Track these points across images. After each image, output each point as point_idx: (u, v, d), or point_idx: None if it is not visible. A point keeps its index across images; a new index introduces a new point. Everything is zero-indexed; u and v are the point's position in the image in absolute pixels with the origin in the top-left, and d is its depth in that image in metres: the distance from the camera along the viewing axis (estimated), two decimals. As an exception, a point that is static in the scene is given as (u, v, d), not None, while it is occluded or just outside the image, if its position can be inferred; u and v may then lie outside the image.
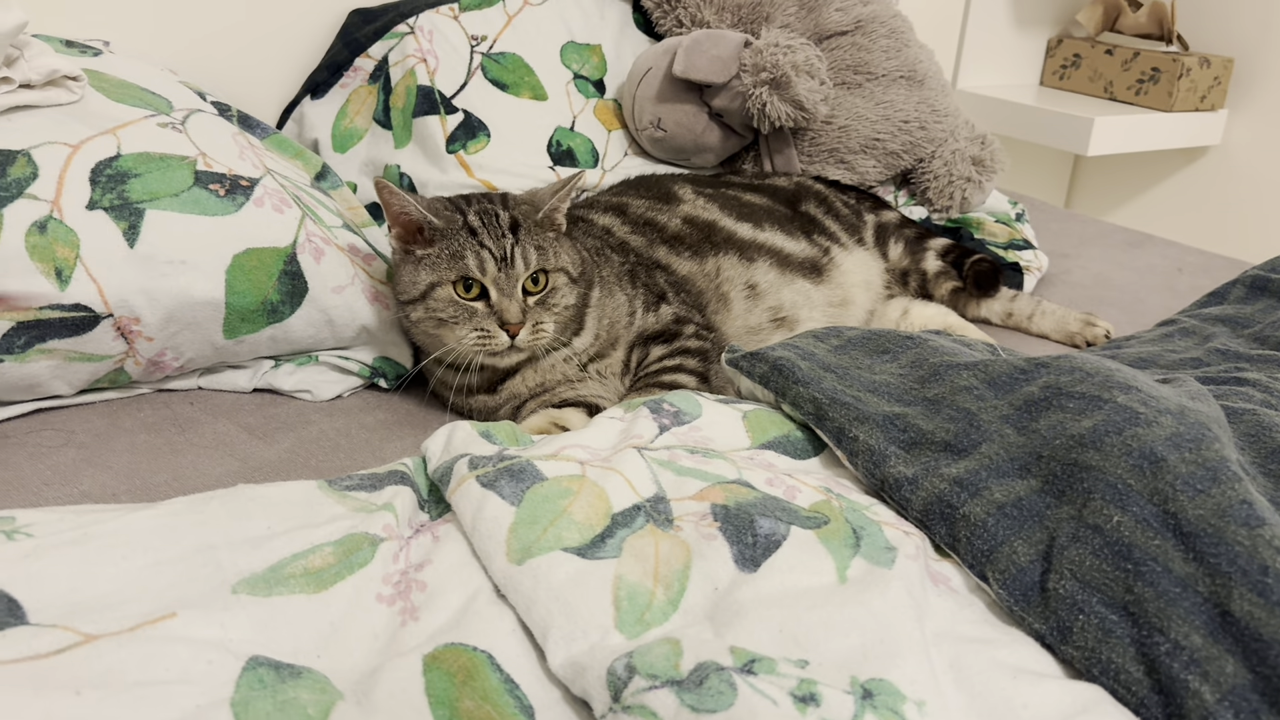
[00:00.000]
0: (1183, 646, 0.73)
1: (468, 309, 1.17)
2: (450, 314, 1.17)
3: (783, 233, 1.52)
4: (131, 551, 0.78)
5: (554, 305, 1.19)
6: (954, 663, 0.76)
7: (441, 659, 0.74)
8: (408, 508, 0.89)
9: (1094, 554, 0.81)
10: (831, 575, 0.82)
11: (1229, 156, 2.97)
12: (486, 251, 1.15)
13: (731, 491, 0.90)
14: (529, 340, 1.17)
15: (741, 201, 1.55)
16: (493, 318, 1.16)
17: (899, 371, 1.12)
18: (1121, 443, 0.89)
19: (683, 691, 0.68)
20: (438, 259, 1.16)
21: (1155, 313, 1.73)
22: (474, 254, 1.15)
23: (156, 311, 1.13)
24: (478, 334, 1.16)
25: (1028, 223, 2.00)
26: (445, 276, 1.16)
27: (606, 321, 1.29)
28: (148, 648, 0.70)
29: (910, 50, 1.92)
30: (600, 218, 1.44)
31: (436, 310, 1.17)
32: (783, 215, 1.57)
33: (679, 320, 1.32)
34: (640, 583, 0.80)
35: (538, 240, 1.19)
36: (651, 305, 1.32)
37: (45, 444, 1.10)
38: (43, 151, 1.13)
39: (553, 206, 1.21)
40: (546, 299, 1.19)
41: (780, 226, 1.53)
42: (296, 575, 0.79)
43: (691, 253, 1.42)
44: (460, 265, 1.15)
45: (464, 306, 1.16)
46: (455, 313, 1.17)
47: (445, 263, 1.16)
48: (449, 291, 1.16)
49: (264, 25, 1.76)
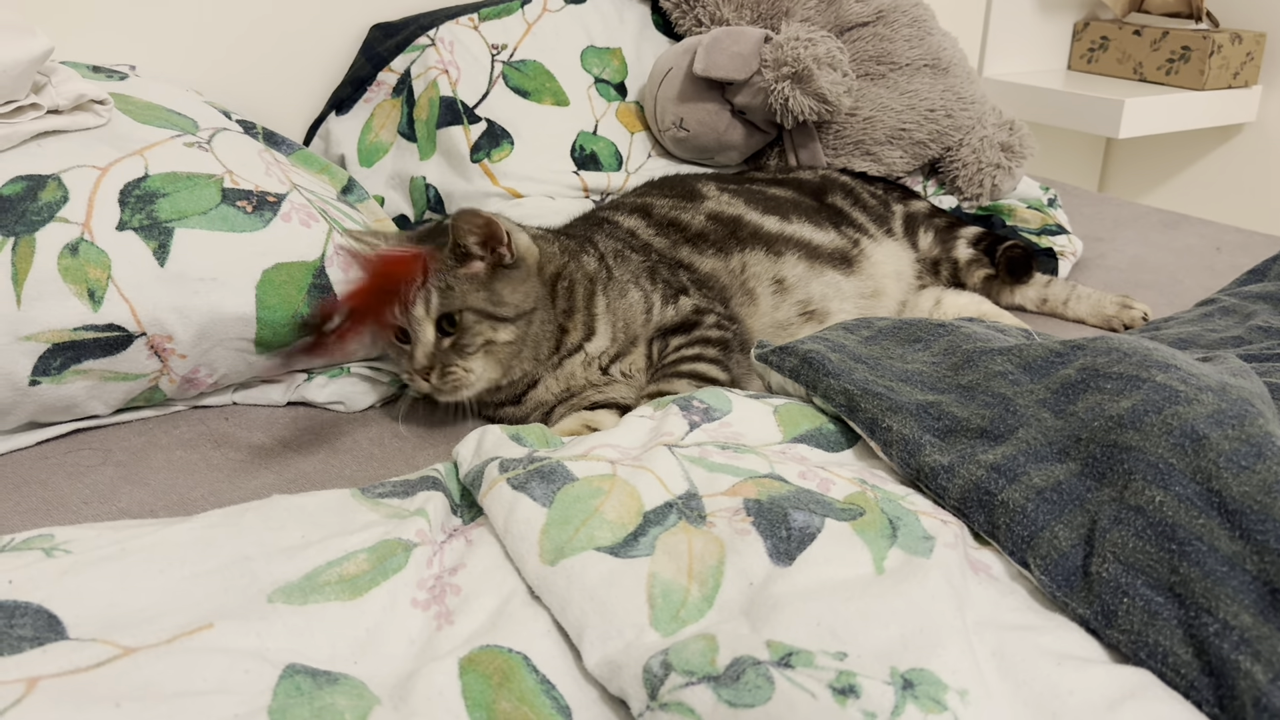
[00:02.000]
0: (1232, 626, 0.72)
1: (399, 351, 1.19)
2: (394, 356, 1.21)
3: (811, 224, 1.50)
4: (168, 565, 0.79)
5: (465, 346, 1.16)
6: (997, 651, 0.74)
7: (477, 661, 0.73)
8: (440, 513, 0.89)
9: (1137, 535, 0.80)
10: (868, 566, 0.81)
11: (1265, 133, 2.92)
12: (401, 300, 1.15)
13: (764, 486, 0.89)
14: (437, 384, 1.16)
15: (767, 195, 1.54)
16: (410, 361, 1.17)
17: (931, 360, 1.11)
18: (1161, 422, 0.87)
19: (720, 687, 0.67)
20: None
21: (1194, 293, 1.70)
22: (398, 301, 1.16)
23: (189, 329, 1.15)
24: (406, 376, 1.18)
25: (1060, 208, 1.98)
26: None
27: (621, 322, 1.27)
28: (185, 659, 0.70)
29: (933, 38, 1.90)
30: (625, 219, 1.44)
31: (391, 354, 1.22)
32: (809, 207, 1.55)
33: (699, 311, 1.30)
34: (674, 580, 0.80)
35: (446, 281, 1.15)
36: (670, 299, 1.31)
37: (84, 463, 1.11)
38: (72, 175, 1.14)
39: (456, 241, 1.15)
40: (458, 340, 1.16)
41: (808, 218, 1.51)
42: (331, 583, 0.79)
43: (715, 250, 1.41)
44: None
45: (397, 349, 1.19)
46: (397, 356, 1.20)
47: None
48: (389, 336, 1.19)
49: (287, 44, 1.77)
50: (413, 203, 1.69)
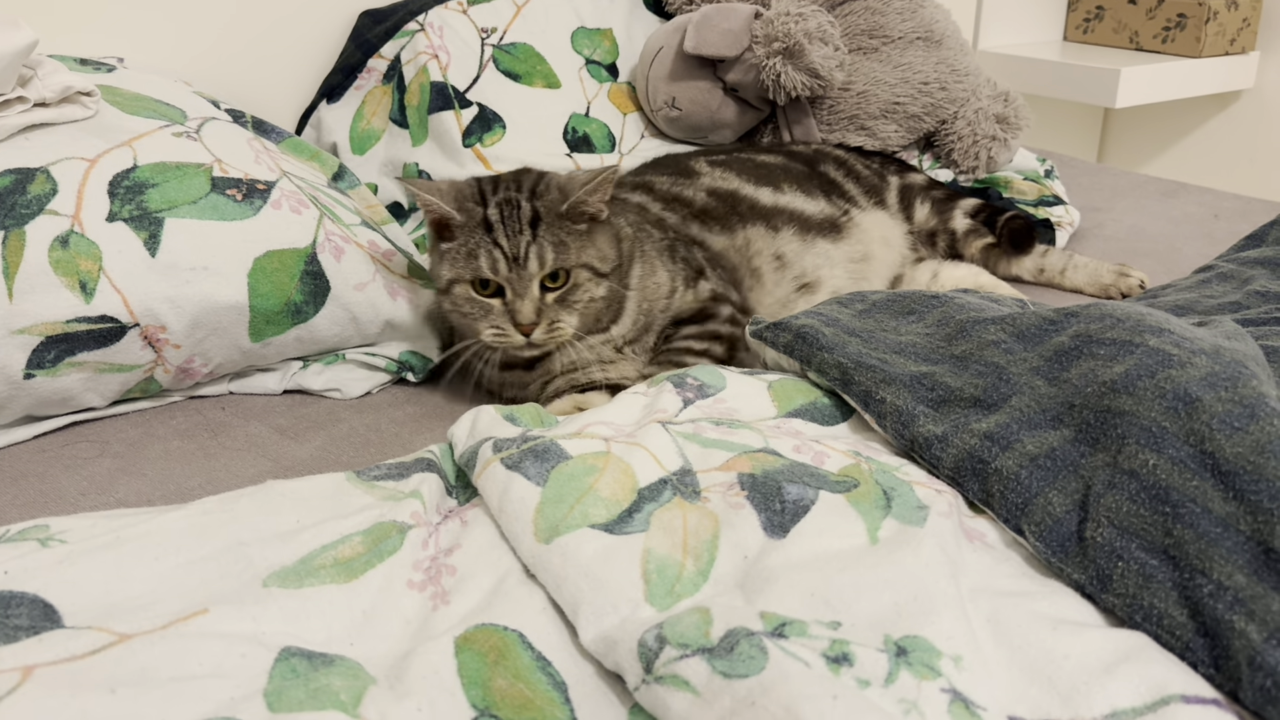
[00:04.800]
0: (1226, 587, 0.71)
1: (483, 306, 1.15)
2: (468, 309, 1.16)
3: (801, 193, 1.49)
4: (163, 552, 0.79)
5: (574, 302, 1.16)
6: (992, 617, 0.74)
7: (473, 640, 0.74)
8: (435, 494, 0.89)
9: (1131, 499, 0.79)
10: (862, 537, 0.81)
11: (1263, 99, 2.90)
12: (499, 251, 1.13)
13: (758, 460, 0.89)
14: (544, 338, 1.15)
15: (756, 163, 1.53)
16: (507, 316, 1.15)
17: (925, 331, 1.10)
18: (1154, 385, 0.86)
19: (714, 659, 0.67)
20: (456, 255, 1.15)
21: (1192, 261, 1.69)
22: (487, 253, 1.13)
23: (182, 319, 1.14)
24: (494, 331, 1.15)
25: (1057, 179, 1.96)
26: (461, 274, 1.15)
27: (646, 305, 1.26)
28: (181, 644, 0.70)
29: (926, 11, 1.88)
30: (632, 196, 1.42)
31: (458, 305, 1.17)
32: (800, 173, 1.54)
33: (716, 299, 1.29)
34: (669, 555, 0.80)
35: (558, 235, 1.15)
36: (691, 281, 1.29)
37: (80, 455, 1.11)
38: (61, 167, 1.14)
39: (579, 199, 1.16)
40: (566, 296, 1.16)
41: (799, 185, 1.50)
42: (327, 566, 0.79)
43: (721, 227, 1.40)
44: (474, 265, 1.14)
45: (479, 304, 1.16)
46: (472, 309, 1.16)
47: (462, 260, 1.15)
48: (465, 289, 1.16)
49: (276, 33, 1.77)
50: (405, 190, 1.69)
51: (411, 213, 1.68)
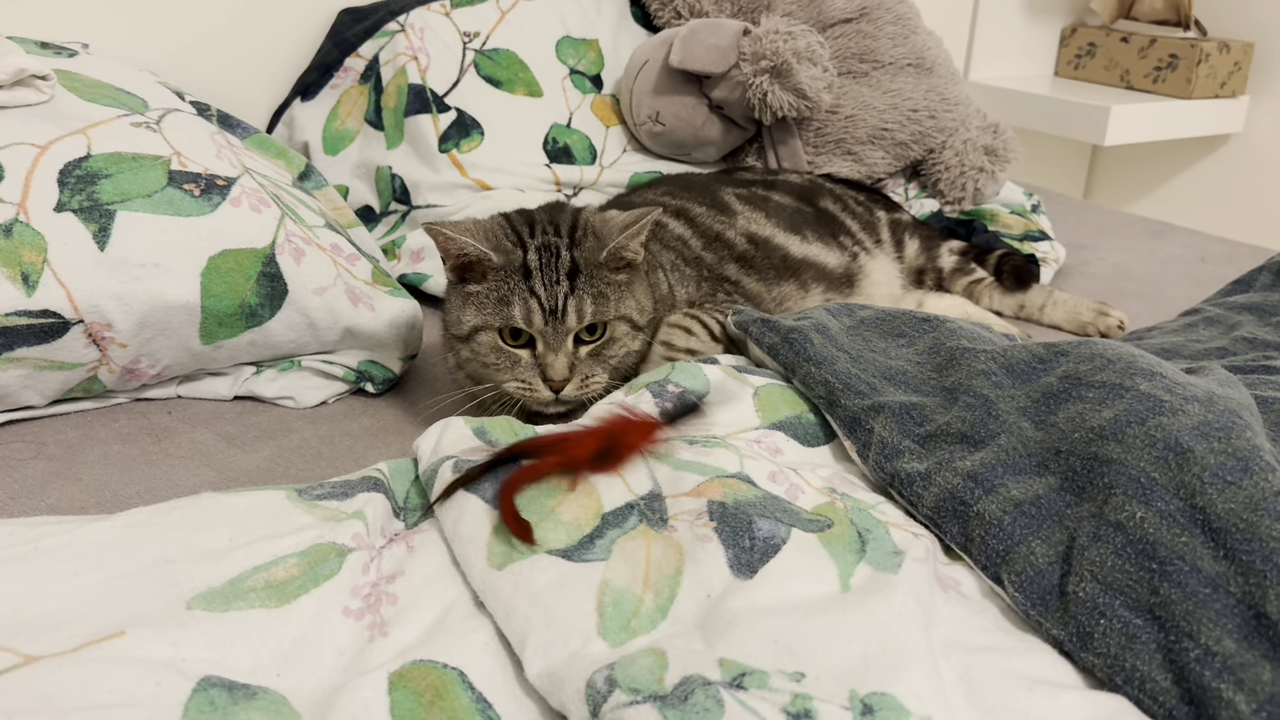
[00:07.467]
0: (1214, 652, 0.67)
1: (511, 357, 1.06)
2: (492, 360, 1.07)
3: (820, 242, 1.45)
4: (83, 567, 0.73)
5: (610, 356, 1.08)
6: (964, 674, 0.70)
7: (409, 677, 0.68)
8: (380, 516, 0.84)
9: (1116, 553, 0.75)
10: (834, 584, 0.76)
11: (1252, 144, 2.89)
12: (536, 301, 1.04)
13: (730, 488, 0.84)
14: (576, 394, 1.06)
15: (774, 204, 1.46)
16: (536, 370, 1.06)
17: (915, 358, 1.06)
18: (1145, 433, 0.82)
19: (665, 708, 0.62)
20: (485, 300, 1.06)
21: (1178, 303, 1.66)
22: (522, 302, 1.04)
23: (129, 317, 1.09)
24: (519, 384, 1.06)
25: (1044, 213, 1.94)
26: (490, 322, 1.05)
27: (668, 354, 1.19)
28: (91, 669, 0.65)
29: (918, 37, 1.86)
30: (673, 224, 1.34)
31: (480, 354, 1.07)
32: (811, 217, 1.50)
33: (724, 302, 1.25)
34: (628, 588, 0.75)
35: (598, 287, 1.06)
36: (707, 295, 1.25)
37: (14, 456, 1.05)
38: (8, 153, 1.08)
39: (619, 245, 1.07)
40: (602, 350, 1.08)
41: (817, 235, 1.46)
42: (257, 589, 0.74)
43: (759, 277, 1.35)
44: (506, 314, 1.04)
45: (507, 354, 1.06)
46: (498, 359, 1.06)
47: (492, 307, 1.05)
48: (493, 338, 1.06)
49: (252, 27, 1.72)
50: (378, 193, 1.64)
51: (383, 217, 1.63)
